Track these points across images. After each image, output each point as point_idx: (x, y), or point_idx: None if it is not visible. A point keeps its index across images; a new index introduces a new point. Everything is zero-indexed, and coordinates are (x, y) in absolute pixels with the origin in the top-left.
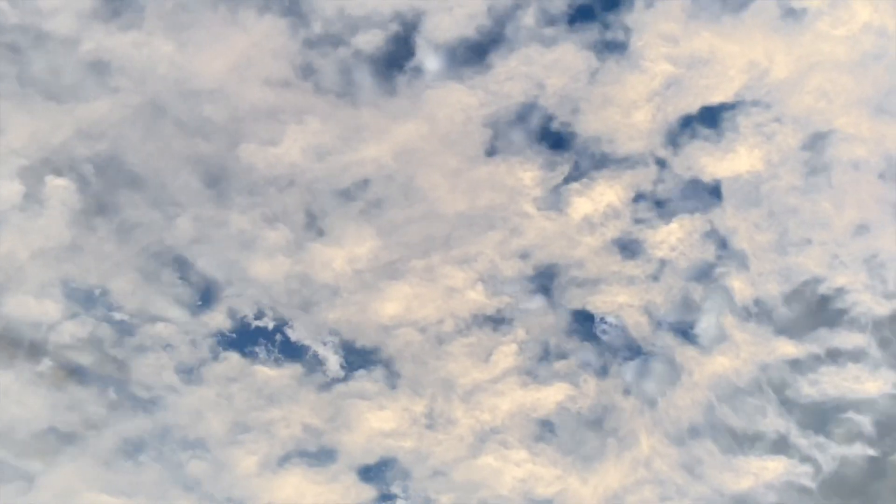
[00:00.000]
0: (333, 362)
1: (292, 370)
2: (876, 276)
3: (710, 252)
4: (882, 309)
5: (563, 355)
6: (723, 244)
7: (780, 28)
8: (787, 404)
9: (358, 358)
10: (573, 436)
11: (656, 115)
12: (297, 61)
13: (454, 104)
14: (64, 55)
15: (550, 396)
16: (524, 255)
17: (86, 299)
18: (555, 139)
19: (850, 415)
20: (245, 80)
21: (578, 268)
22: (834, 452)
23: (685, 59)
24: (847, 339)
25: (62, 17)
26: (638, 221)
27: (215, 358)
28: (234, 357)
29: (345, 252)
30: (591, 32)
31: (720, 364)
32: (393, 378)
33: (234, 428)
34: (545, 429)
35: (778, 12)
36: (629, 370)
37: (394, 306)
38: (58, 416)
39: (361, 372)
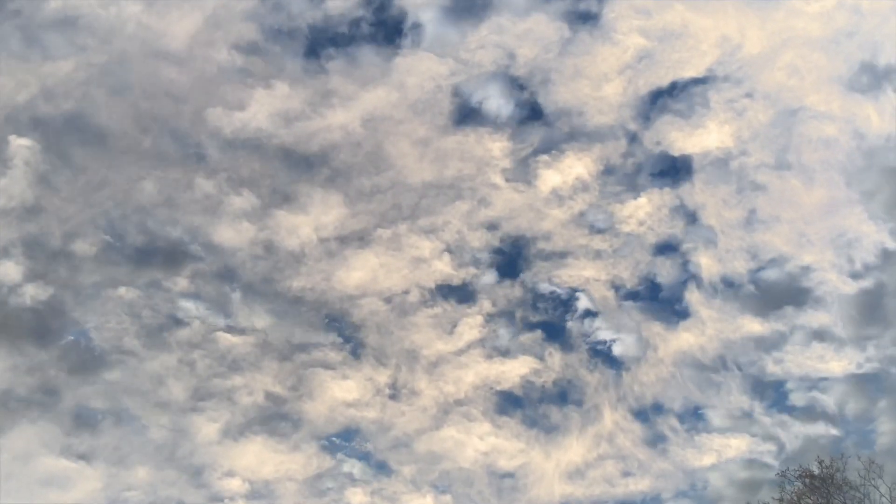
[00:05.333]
0: (297, 330)
1: (255, 337)
2: (843, 255)
3: (677, 228)
4: (848, 288)
5: (528, 328)
6: (691, 220)
7: (753, 3)
8: (752, 382)
9: (321, 327)
10: (537, 409)
11: (627, 89)
12: (266, 25)
13: (424, 72)
14: (30, 12)
15: (515, 369)
16: (491, 227)
17: (48, 261)
18: (525, 110)
19: (814, 394)
20: (213, 42)
21: (545, 240)
22: (797, 431)
23: (657, 32)
24: (813, 317)
25: None
26: (606, 195)
27: (178, 323)
28: (196, 323)
29: (311, 219)
30: (564, 2)
31: (685, 340)
32: (357, 348)
33: (196, 394)
34: (509, 402)
35: None
36: (594, 345)
37: (359, 275)
38: (17, 379)
39: (325, 341)
